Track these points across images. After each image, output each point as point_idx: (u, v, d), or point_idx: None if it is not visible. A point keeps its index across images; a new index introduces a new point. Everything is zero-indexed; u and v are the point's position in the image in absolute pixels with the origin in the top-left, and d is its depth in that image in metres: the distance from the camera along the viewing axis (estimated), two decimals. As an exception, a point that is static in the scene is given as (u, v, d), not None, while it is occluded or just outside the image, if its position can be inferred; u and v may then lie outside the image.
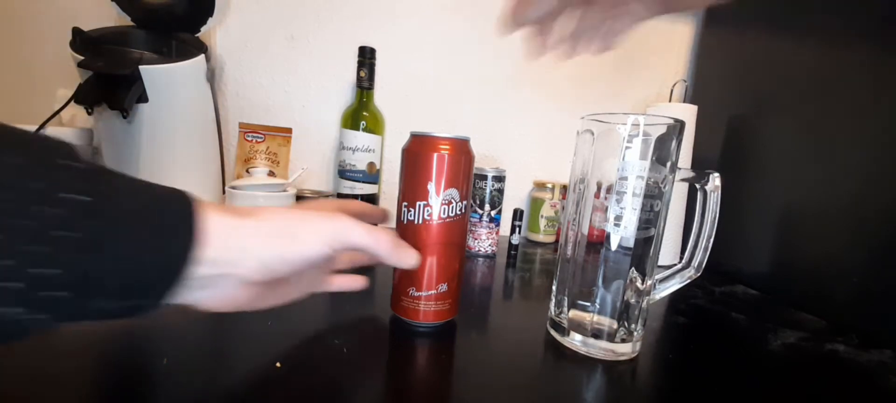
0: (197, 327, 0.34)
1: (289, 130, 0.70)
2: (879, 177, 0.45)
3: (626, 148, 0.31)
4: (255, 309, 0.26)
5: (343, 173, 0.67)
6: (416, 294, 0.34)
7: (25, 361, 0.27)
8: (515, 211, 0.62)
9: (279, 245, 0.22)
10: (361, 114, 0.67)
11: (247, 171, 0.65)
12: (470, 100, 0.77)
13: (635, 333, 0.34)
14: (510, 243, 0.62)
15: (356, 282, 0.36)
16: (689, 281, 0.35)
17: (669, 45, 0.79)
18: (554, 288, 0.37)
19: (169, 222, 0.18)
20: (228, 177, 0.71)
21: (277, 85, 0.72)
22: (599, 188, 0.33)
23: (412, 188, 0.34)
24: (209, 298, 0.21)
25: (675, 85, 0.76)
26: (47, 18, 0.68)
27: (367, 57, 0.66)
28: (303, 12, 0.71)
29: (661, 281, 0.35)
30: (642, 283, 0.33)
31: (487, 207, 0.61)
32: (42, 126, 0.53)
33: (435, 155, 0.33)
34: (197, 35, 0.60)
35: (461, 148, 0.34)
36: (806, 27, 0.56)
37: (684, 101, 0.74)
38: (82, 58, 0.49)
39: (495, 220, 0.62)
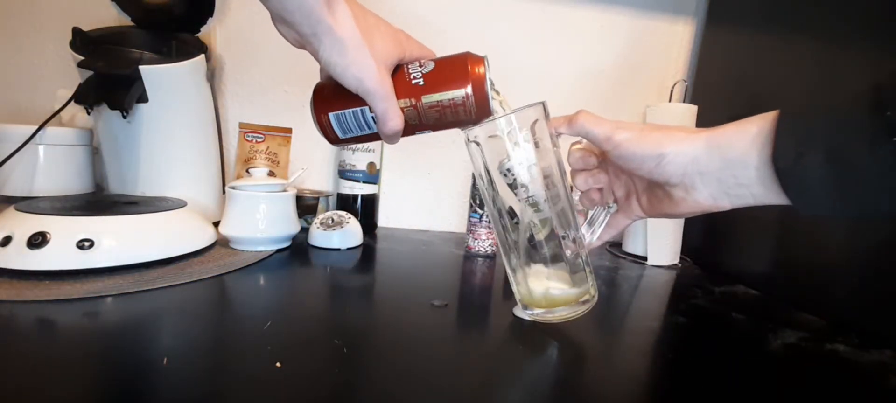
0: (197, 327, 0.34)
1: (289, 130, 0.70)
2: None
3: (511, 144, 0.34)
4: None
5: (343, 173, 0.67)
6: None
7: (26, 361, 0.27)
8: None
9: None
10: (361, 114, 0.67)
11: (247, 171, 0.65)
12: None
13: (589, 279, 0.36)
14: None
15: None
16: (607, 213, 0.38)
17: (669, 45, 0.79)
18: (510, 277, 0.38)
19: None
20: (228, 177, 0.71)
21: (277, 85, 0.72)
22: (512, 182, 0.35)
23: (433, 75, 0.34)
24: None
25: (675, 85, 0.76)
26: (47, 18, 0.68)
27: (367, 57, 0.65)
28: (303, 12, 0.71)
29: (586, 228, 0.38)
30: (575, 238, 0.36)
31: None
32: (42, 126, 0.54)
33: (466, 76, 0.34)
34: (197, 35, 0.60)
35: (479, 96, 0.34)
36: (806, 27, 0.56)
37: (684, 101, 0.74)
38: (82, 58, 0.49)
39: (495, 220, 0.62)
